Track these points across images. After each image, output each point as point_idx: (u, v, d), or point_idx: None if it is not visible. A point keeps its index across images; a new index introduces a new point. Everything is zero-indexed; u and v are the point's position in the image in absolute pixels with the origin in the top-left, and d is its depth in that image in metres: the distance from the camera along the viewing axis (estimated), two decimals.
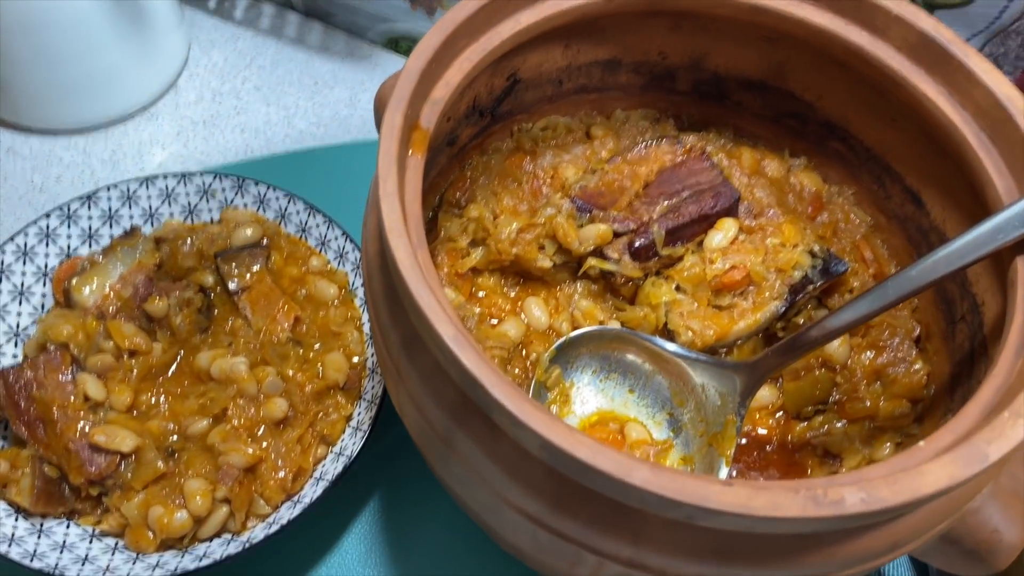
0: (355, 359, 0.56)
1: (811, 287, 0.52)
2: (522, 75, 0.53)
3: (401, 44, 0.82)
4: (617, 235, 0.53)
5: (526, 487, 0.35)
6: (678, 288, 0.53)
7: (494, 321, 0.53)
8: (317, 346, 0.56)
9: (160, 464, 0.50)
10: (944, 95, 0.45)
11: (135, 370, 0.53)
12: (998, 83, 0.43)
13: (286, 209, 0.61)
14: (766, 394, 0.53)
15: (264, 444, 0.51)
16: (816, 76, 0.53)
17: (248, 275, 0.58)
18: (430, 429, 0.38)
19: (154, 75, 0.74)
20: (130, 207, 0.60)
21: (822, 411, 0.53)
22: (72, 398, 0.51)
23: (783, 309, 0.52)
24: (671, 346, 0.50)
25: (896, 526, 0.34)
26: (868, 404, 0.51)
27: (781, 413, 0.53)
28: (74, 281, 0.56)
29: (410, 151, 0.41)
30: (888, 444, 0.50)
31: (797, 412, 0.53)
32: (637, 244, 0.52)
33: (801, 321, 0.54)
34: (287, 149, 0.74)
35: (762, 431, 0.53)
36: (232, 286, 0.57)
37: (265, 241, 0.60)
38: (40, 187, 0.69)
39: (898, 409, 0.50)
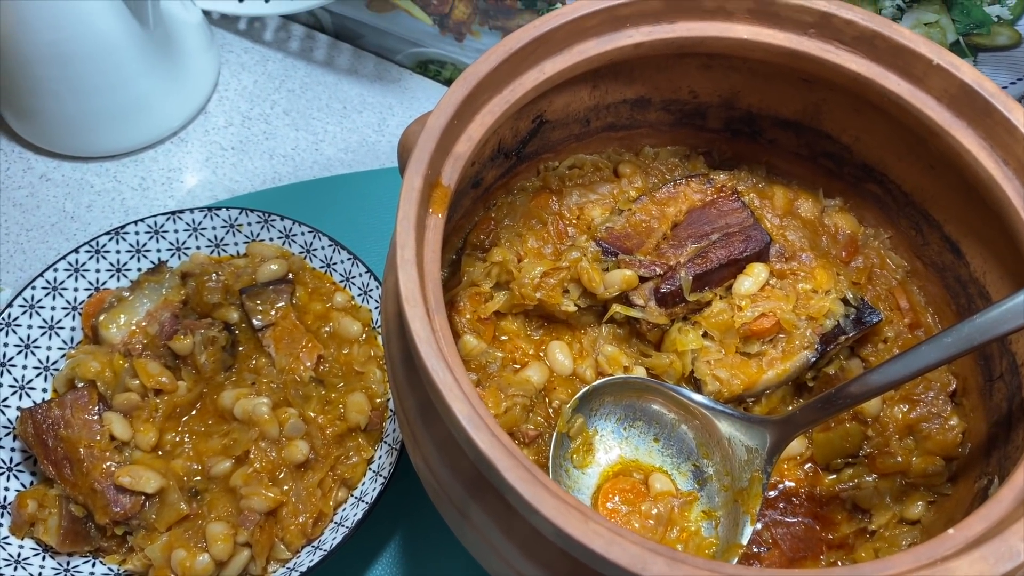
0: (377, 400, 0.56)
1: (843, 337, 0.51)
2: (548, 116, 0.52)
3: (430, 68, 0.82)
4: (643, 280, 0.52)
5: (541, 566, 0.34)
6: (705, 335, 0.51)
7: (517, 366, 0.52)
8: (340, 385, 0.56)
9: (183, 506, 0.51)
10: (986, 149, 0.43)
11: (160, 409, 0.54)
12: None
13: (311, 244, 0.61)
14: (795, 445, 0.51)
15: (285, 487, 0.51)
16: (853, 118, 0.51)
17: (273, 311, 0.58)
18: (446, 497, 0.37)
19: (185, 100, 0.75)
20: (157, 240, 0.61)
21: (852, 464, 0.51)
22: (98, 437, 0.52)
23: (814, 359, 0.51)
24: (698, 397, 0.49)
25: None
26: (900, 459, 0.49)
27: (810, 464, 0.52)
28: (102, 318, 0.56)
29: (431, 210, 0.40)
30: (920, 502, 0.49)
31: (826, 464, 0.52)
32: (663, 290, 0.51)
33: (832, 371, 0.52)
34: (315, 175, 0.74)
35: (790, 483, 0.52)
36: (257, 323, 0.57)
37: (290, 276, 0.60)
38: (72, 215, 0.70)
39: (931, 466, 0.49)
